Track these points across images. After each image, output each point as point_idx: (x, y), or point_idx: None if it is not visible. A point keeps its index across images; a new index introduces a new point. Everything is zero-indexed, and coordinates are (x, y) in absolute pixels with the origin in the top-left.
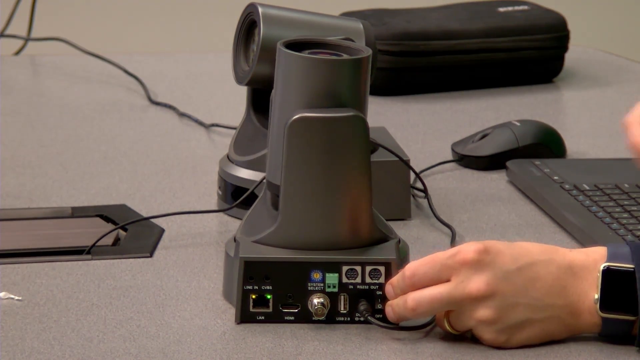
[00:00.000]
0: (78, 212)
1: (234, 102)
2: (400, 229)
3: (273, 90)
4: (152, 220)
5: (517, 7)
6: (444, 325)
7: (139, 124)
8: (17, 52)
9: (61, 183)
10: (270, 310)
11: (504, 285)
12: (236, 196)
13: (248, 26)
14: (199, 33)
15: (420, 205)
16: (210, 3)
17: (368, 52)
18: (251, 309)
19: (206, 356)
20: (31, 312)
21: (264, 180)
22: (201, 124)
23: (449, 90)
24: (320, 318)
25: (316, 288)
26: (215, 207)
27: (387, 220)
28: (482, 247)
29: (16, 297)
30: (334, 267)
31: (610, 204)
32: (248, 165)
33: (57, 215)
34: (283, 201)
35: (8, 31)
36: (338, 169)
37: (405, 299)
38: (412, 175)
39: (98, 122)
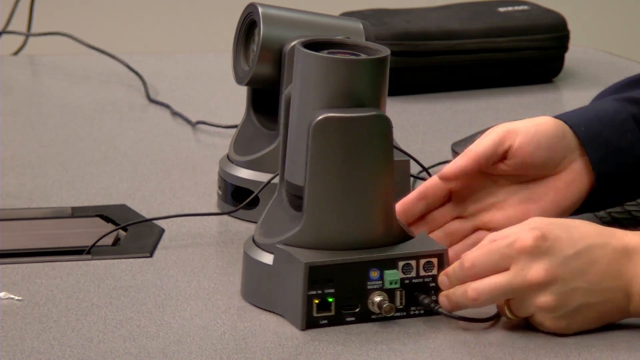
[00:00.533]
0: (78, 212)
1: (234, 102)
2: None
3: (288, 91)
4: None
5: (517, 7)
6: (505, 312)
7: (139, 124)
8: (18, 51)
9: (61, 183)
10: (333, 313)
11: (562, 271)
12: (236, 196)
13: (248, 26)
14: (199, 33)
15: None
16: (210, 3)
17: (387, 51)
18: (315, 314)
19: (206, 356)
20: (31, 312)
21: (272, 182)
22: (189, 122)
23: (449, 90)
24: (388, 315)
25: (375, 286)
26: (215, 207)
27: None
28: (540, 234)
29: (16, 297)
30: (392, 263)
31: None
32: (248, 165)
33: (57, 215)
34: (308, 201)
35: (8, 30)
36: (364, 167)
37: (466, 289)
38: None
39: (98, 122)
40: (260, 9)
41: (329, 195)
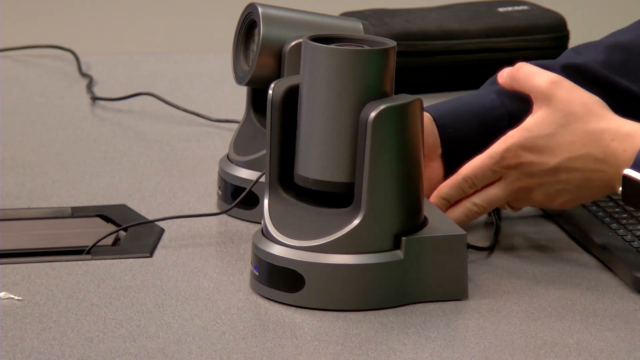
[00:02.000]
0: (78, 212)
1: (234, 102)
2: None
3: (310, 90)
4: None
5: (516, 7)
6: (506, 207)
7: (139, 124)
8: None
9: (61, 183)
10: None
11: (546, 179)
12: (236, 196)
13: (248, 26)
14: (199, 33)
15: None
16: (210, 3)
17: (393, 43)
18: None
19: (206, 356)
20: (31, 312)
21: (261, 179)
22: (189, 122)
23: (449, 90)
24: None
25: None
26: (215, 207)
27: None
28: (521, 151)
29: (16, 297)
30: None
31: (610, 203)
32: (248, 165)
33: (57, 215)
34: (368, 196)
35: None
36: (413, 154)
37: (472, 201)
38: None
39: (98, 122)
40: (260, 9)
41: (388, 187)
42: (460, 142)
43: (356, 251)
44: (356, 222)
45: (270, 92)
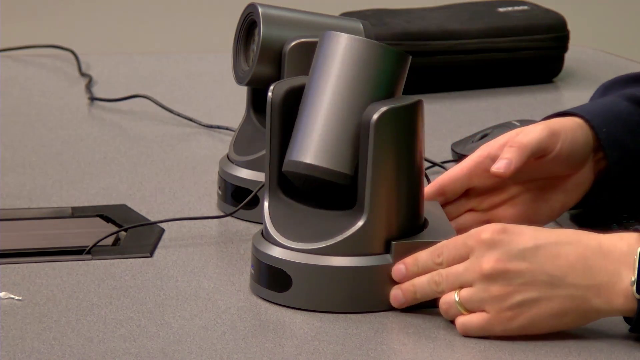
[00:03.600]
0: (78, 212)
1: (234, 102)
2: None
3: (322, 77)
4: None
5: (516, 7)
6: (456, 307)
7: (138, 124)
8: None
9: (61, 183)
10: None
11: (516, 263)
12: (236, 196)
13: (248, 26)
14: (199, 33)
15: None
16: (210, 3)
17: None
18: None
19: (206, 356)
20: (31, 312)
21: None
22: (190, 122)
23: (449, 90)
24: None
25: None
26: (215, 207)
27: None
28: (500, 228)
29: (16, 297)
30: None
31: None
32: (248, 165)
33: (57, 215)
34: (371, 199)
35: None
36: (415, 156)
37: (432, 276)
38: None
39: (98, 122)
40: (260, 9)
41: (391, 188)
42: (617, 141)
43: (353, 253)
44: (360, 224)
45: (270, 94)
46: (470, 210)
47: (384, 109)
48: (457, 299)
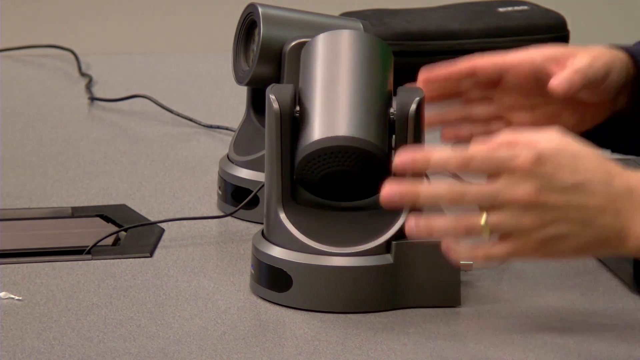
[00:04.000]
0: (78, 212)
1: (234, 102)
2: None
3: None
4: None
5: (516, 7)
6: (481, 230)
7: (138, 124)
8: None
9: (61, 183)
10: None
11: (554, 198)
12: (236, 196)
13: (248, 26)
14: (199, 33)
15: None
16: (210, 3)
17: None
18: None
19: (206, 356)
20: (31, 312)
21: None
22: (190, 122)
23: None
24: None
25: None
26: (215, 207)
27: None
28: (541, 159)
29: (16, 297)
30: None
31: None
32: (248, 165)
33: (57, 215)
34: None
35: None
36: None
37: (448, 190)
38: None
39: (98, 121)
40: (260, 9)
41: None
42: None
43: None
44: (399, 224)
45: (271, 98)
46: (486, 98)
47: (417, 98)
48: (484, 222)
